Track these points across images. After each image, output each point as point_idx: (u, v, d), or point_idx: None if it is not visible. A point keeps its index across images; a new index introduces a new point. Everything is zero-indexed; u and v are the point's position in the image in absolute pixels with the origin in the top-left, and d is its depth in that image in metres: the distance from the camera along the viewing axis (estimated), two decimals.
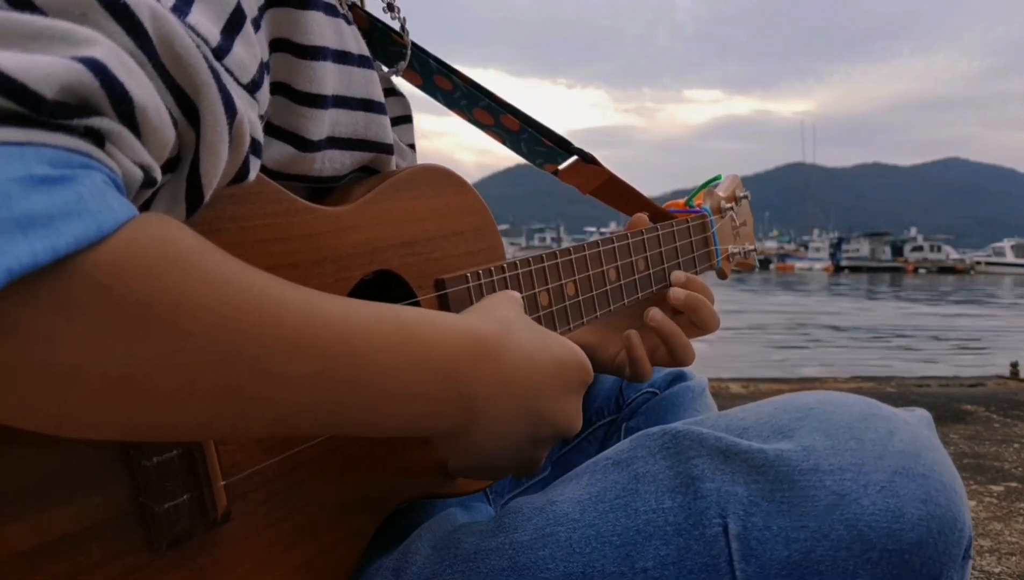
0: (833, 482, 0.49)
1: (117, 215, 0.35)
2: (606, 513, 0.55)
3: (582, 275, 0.78)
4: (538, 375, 0.55)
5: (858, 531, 0.47)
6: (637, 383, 0.88)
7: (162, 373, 0.36)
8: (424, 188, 0.67)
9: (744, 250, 1.07)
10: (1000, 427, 2.81)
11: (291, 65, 0.56)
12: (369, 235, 0.61)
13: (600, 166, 0.90)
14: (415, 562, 0.59)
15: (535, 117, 0.87)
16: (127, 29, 0.38)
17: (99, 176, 0.35)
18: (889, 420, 0.53)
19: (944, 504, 0.48)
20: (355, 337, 0.43)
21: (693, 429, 0.56)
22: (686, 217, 0.96)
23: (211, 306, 0.37)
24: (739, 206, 1.06)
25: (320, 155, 0.60)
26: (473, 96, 0.84)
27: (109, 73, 0.35)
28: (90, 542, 0.42)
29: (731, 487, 0.51)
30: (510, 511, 0.60)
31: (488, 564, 0.56)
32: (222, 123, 0.42)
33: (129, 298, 0.34)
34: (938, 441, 0.54)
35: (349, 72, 0.62)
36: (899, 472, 0.49)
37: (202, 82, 0.41)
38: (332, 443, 0.57)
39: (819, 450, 0.51)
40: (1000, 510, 1.86)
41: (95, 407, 0.36)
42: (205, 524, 0.48)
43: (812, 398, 0.57)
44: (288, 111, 0.57)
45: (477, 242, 0.71)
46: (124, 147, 0.37)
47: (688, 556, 0.51)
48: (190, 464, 0.47)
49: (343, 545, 0.57)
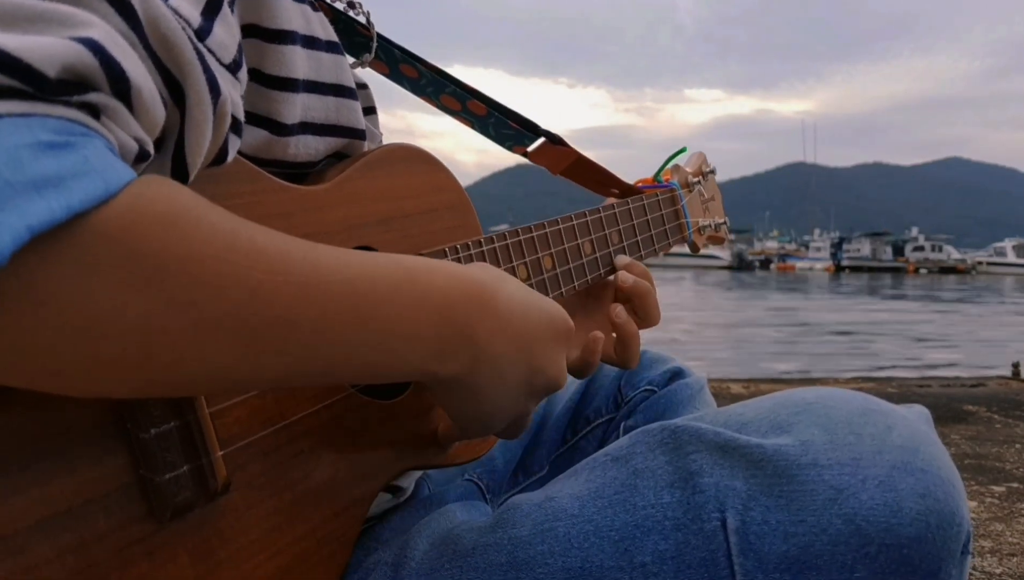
0: (831, 476, 0.49)
1: (122, 175, 0.36)
2: (605, 508, 0.55)
3: (558, 248, 0.79)
4: (530, 323, 0.55)
5: (856, 525, 0.47)
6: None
7: (179, 322, 0.37)
8: (397, 166, 0.68)
9: (715, 223, 1.09)
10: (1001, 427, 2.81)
11: (261, 49, 0.57)
12: (346, 213, 0.62)
13: (568, 147, 0.91)
14: (413, 558, 0.60)
15: (501, 101, 0.88)
16: (119, 11, 0.39)
17: (100, 141, 0.36)
18: (887, 415, 0.53)
19: (942, 499, 0.48)
20: (359, 281, 0.45)
21: (692, 424, 0.56)
22: (655, 192, 0.97)
23: (221, 254, 0.38)
24: (706, 181, 1.07)
25: (294, 140, 0.60)
26: (439, 83, 0.84)
27: (107, 53, 0.36)
28: (95, 513, 0.43)
29: (730, 482, 0.52)
30: (509, 508, 0.60)
31: (487, 559, 0.56)
32: (207, 102, 0.43)
33: (142, 250, 0.36)
34: (936, 437, 0.54)
35: (319, 57, 0.62)
36: (897, 467, 0.49)
37: (187, 61, 0.42)
38: (327, 415, 0.58)
39: (817, 445, 0.51)
40: (1001, 511, 1.86)
41: (116, 363, 0.37)
42: (206, 494, 0.48)
43: (811, 394, 0.57)
44: (260, 96, 0.58)
45: (452, 219, 0.72)
46: (120, 121, 0.38)
47: (687, 550, 0.51)
48: (188, 435, 0.47)
49: (344, 515, 0.58)
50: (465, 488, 0.81)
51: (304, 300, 0.41)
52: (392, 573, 0.60)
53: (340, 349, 0.44)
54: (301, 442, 0.55)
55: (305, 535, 0.55)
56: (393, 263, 0.48)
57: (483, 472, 0.88)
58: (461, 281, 0.51)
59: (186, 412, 0.47)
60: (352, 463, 0.59)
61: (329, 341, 0.43)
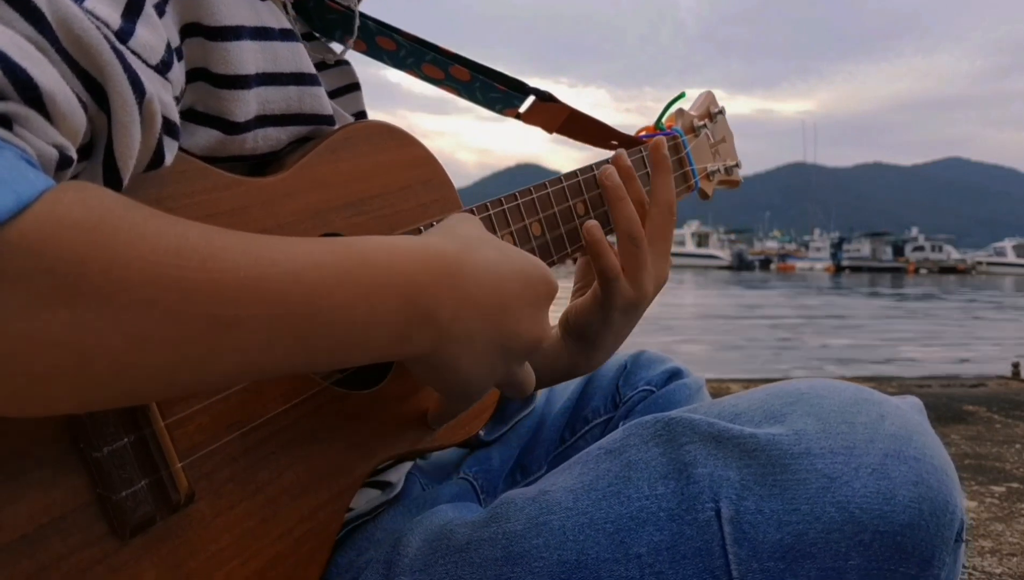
0: (824, 465, 0.49)
1: (35, 185, 0.34)
2: (599, 501, 0.55)
3: (547, 213, 0.76)
4: (502, 288, 0.54)
5: (850, 513, 0.48)
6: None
7: (110, 331, 0.35)
8: (362, 145, 0.65)
9: (726, 166, 1.02)
10: (1001, 428, 2.80)
11: (205, 49, 0.55)
12: (310, 200, 0.60)
13: (559, 103, 0.88)
14: (407, 555, 0.59)
15: (484, 64, 0.85)
16: (24, 15, 0.38)
17: (10, 152, 0.35)
18: (880, 405, 0.53)
19: (935, 486, 0.48)
20: (306, 271, 0.43)
21: (685, 416, 0.56)
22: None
23: (147, 256, 0.36)
24: (714, 123, 1.00)
25: (251, 135, 0.59)
26: (419, 52, 0.82)
27: (10, 61, 0.35)
28: (51, 538, 0.42)
29: (723, 471, 0.52)
30: (503, 503, 0.60)
31: (481, 554, 0.56)
32: (131, 103, 0.42)
33: (62, 260, 0.34)
34: (929, 426, 0.54)
35: (273, 47, 0.60)
36: (890, 455, 0.49)
37: (105, 62, 0.40)
38: (300, 412, 0.56)
39: (810, 434, 0.51)
40: (1001, 511, 1.85)
41: (50, 379, 0.35)
42: (168, 507, 0.47)
43: (804, 384, 0.57)
44: (210, 96, 0.56)
45: (428, 194, 0.69)
46: (34, 129, 0.37)
47: (681, 541, 0.51)
48: (143, 450, 0.46)
49: (322, 512, 0.57)
50: (459, 487, 0.81)
51: (244, 296, 0.39)
52: (385, 571, 0.60)
53: (293, 341, 0.42)
54: (272, 442, 0.54)
55: (281, 536, 0.54)
56: (345, 247, 0.46)
57: (479, 471, 0.87)
58: (422, 256, 0.49)
59: (141, 426, 0.46)
60: (329, 458, 0.58)
61: (279, 338, 0.41)
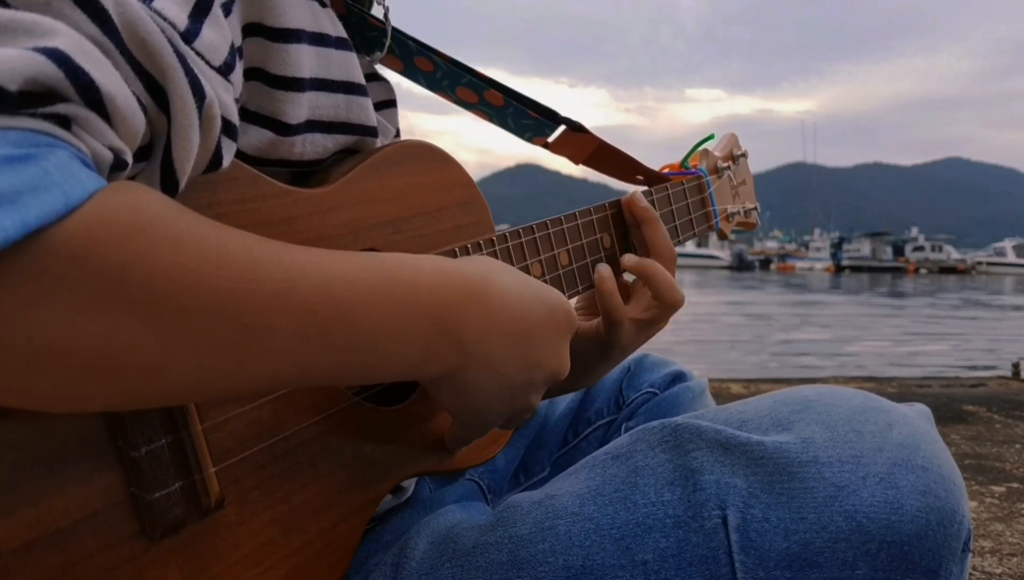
0: (832, 474, 0.49)
1: (86, 186, 0.35)
2: (605, 506, 0.55)
3: (575, 244, 0.77)
4: (527, 315, 0.54)
5: (857, 522, 0.48)
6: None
7: (145, 336, 0.36)
8: (405, 165, 0.66)
9: (745, 209, 1.04)
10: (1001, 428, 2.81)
11: (265, 49, 0.56)
12: (351, 215, 0.61)
13: (589, 134, 0.89)
14: (413, 557, 0.60)
15: (517, 90, 0.85)
16: (92, 16, 0.38)
17: (64, 152, 0.35)
18: (888, 413, 0.53)
19: (943, 496, 0.48)
20: (336, 284, 0.44)
21: (692, 422, 0.56)
22: (682, 179, 0.93)
23: (188, 265, 0.37)
24: (737, 165, 1.02)
25: (300, 138, 0.59)
26: (455, 75, 0.83)
27: (72, 63, 0.36)
28: (83, 534, 0.42)
29: (730, 479, 0.52)
30: (509, 506, 0.60)
31: (487, 558, 0.56)
32: (191, 106, 0.42)
33: (104, 265, 0.35)
34: (937, 434, 0.54)
35: (328, 54, 0.61)
36: (898, 464, 0.49)
37: (168, 65, 0.41)
38: (328, 425, 0.57)
39: (818, 442, 0.51)
40: (1001, 511, 1.86)
41: (84, 380, 0.36)
42: (199, 511, 0.48)
43: (811, 391, 0.57)
44: (264, 96, 0.57)
45: (465, 216, 0.70)
46: (92, 130, 0.37)
47: (688, 548, 0.51)
48: (180, 452, 0.47)
49: (343, 525, 0.57)
50: (466, 488, 0.82)
51: (276, 307, 0.40)
52: (392, 573, 0.60)
53: (321, 353, 0.43)
54: (299, 453, 0.55)
55: (302, 547, 0.54)
56: (377, 263, 0.47)
57: (484, 472, 0.88)
58: (450, 277, 0.50)
59: (179, 428, 0.47)
60: (353, 472, 0.58)
61: (308, 346, 0.42)
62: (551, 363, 0.57)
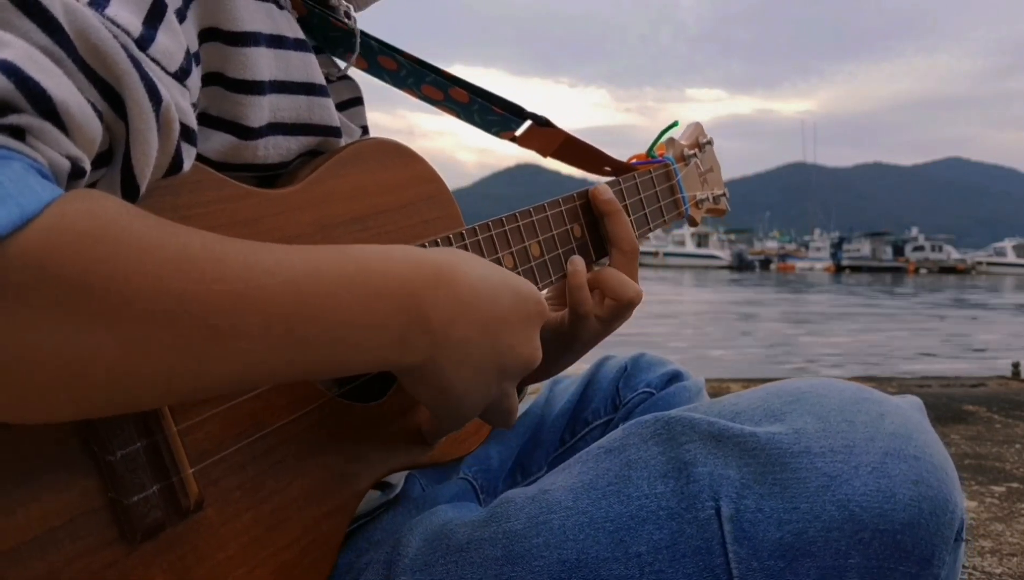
0: (824, 464, 0.50)
1: (41, 197, 0.35)
2: (599, 500, 0.55)
3: (546, 235, 0.78)
4: (496, 302, 0.54)
5: (850, 512, 0.48)
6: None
7: (108, 342, 0.36)
8: (370, 162, 0.66)
9: (714, 195, 1.06)
10: (1001, 428, 2.80)
11: (223, 53, 0.56)
12: (317, 214, 0.61)
13: (555, 128, 0.90)
14: (407, 554, 0.59)
15: (483, 87, 0.86)
16: (41, 26, 0.38)
17: (18, 164, 0.35)
18: (880, 403, 0.53)
19: (935, 485, 0.48)
20: (302, 280, 0.43)
21: (685, 415, 0.56)
22: (649, 168, 0.94)
23: (148, 269, 0.37)
24: (703, 153, 1.04)
25: (263, 141, 0.59)
26: (419, 73, 0.83)
27: (23, 73, 0.36)
28: (62, 540, 0.42)
29: (723, 470, 0.52)
30: (503, 502, 0.60)
31: (481, 554, 0.56)
32: (148, 111, 0.42)
33: (64, 274, 0.35)
34: (929, 425, 0.54)
35: (286, 56, 0.61)
36: (890, 454, 0.49)
37: (122, 71, 0.41)
38: (306, 422, 0.57)
39: (810, 433, 0.51)
40: (1001, 511, 1.86)
41: (50, 390, 0.36)
42: (178, 513, 0.48)
43: (804, 383, 0.57)
44: (224, 100, 0.57)
45: (432, 211, 0.71)
46: (48, 140, 0.37)
47: (681, 540, 0.51)
48: (156, 455, 0.46)
49: (327, 521, 0.57)
50: (459, 487, 0.81)
51: (242, 306, 0.40)
52: (385, 571, 0.60)
53: (291, 349, 0.43)
54: (279, 452, 0.54)
55: (287, 545, 0.54)
56: (342, 256, 0.47)
57: (478, 471, 0.88)
58: (418, 266, 0.50)
59: (153, 431, 0.46)
60: (334, 469, 0.58)
61: (277, 344, 0.42)
62: (523, 350, 0.56)
